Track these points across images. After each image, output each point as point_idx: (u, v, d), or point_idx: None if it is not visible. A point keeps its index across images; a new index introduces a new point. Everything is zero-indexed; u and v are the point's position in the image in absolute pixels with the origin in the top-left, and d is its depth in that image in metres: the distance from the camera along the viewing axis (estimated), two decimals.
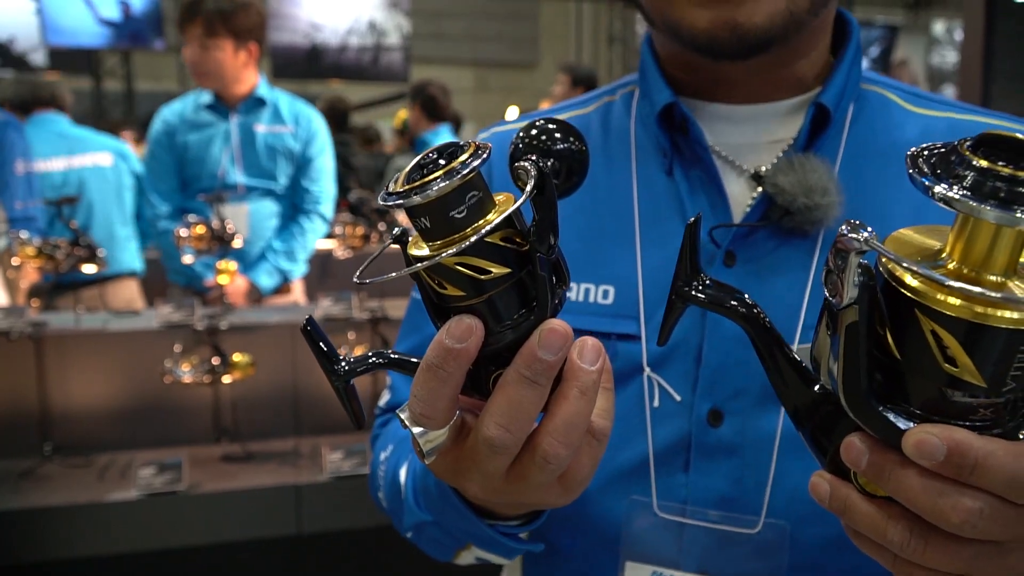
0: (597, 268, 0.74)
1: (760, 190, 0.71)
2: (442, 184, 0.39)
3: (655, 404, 0.70)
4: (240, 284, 2.66)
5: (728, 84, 0.74)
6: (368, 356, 0.46)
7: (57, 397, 2.18)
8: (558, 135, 0.46)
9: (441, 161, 0.41)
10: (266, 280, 2.73)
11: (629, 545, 0.70)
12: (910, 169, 0.38)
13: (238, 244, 2.34)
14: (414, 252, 0.43)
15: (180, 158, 2.70)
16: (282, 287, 2.83)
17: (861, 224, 0.38)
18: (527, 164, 0.43)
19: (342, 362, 0.45)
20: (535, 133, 0.46)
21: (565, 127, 0.46)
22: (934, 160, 0.38)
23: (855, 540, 0.45)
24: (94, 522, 1.95)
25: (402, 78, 7.89)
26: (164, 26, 7.05)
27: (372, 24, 7.92)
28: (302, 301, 2.91)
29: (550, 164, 0.45)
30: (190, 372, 2.11)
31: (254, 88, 2.71)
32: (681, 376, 0.70)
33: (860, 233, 0.37)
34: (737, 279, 0.69)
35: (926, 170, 0.37)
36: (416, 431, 0.46)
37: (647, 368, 0.70)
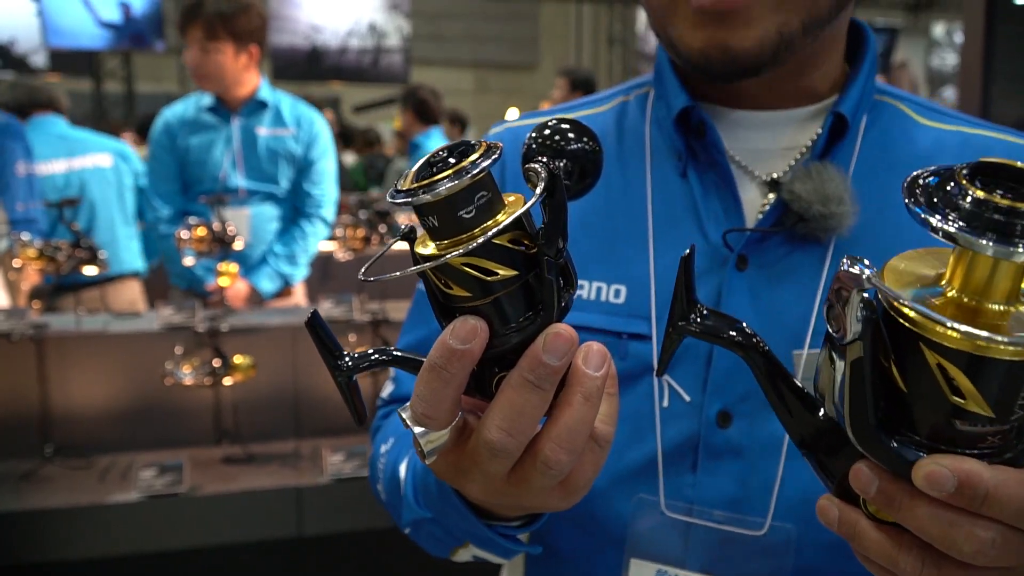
0: (610, 267, 0.74)
1: (772, 196, 0.72)
2: (451, 183, 0.39)
3: (665, 404, 0.71)
4: (241, 288, 2.65)
5: (740, 93, 0.74)
6: (372, 352, 0.46)
7: (58, 399, 2.18)
8: (572, 135, 0.45)
9: (451, 160, 0.40)
10: (267, 284, 2.72)
11: (635, 543, 0.71)
12: (907, 199, 0.37)
13: (239, 246, 2.34)
14: (421, 251, 0.42)
15: (181, 160, 2.68)
16: (283, 291, 2.82)
17: (860, 259, 0.38)
18: (538, 166, 0.42)
19: (345, 358, 0.45)
20: (548, 133, 0.45)
21: (579, 127, 0.46)
22: (931, 188, 0.37)
23: (865, 564, 0.45)
24: (95, 524, 1.95)
25: (402, 80, 7.90)
26: (165, 28, 7.06)
27: (372, 26, 7.93)
28: (303, 304, 2.91)
29: (563, 165, 0.44)
30: (191, 374, 2.11)
31: (255, 90, 2.69)
32: (691, 377, 0.70)
33: (861, 269, 0.37)
34: (749, 283, 0.70)
35: (922, 200, 0.37)
36: (418, 431, 0.45)
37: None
